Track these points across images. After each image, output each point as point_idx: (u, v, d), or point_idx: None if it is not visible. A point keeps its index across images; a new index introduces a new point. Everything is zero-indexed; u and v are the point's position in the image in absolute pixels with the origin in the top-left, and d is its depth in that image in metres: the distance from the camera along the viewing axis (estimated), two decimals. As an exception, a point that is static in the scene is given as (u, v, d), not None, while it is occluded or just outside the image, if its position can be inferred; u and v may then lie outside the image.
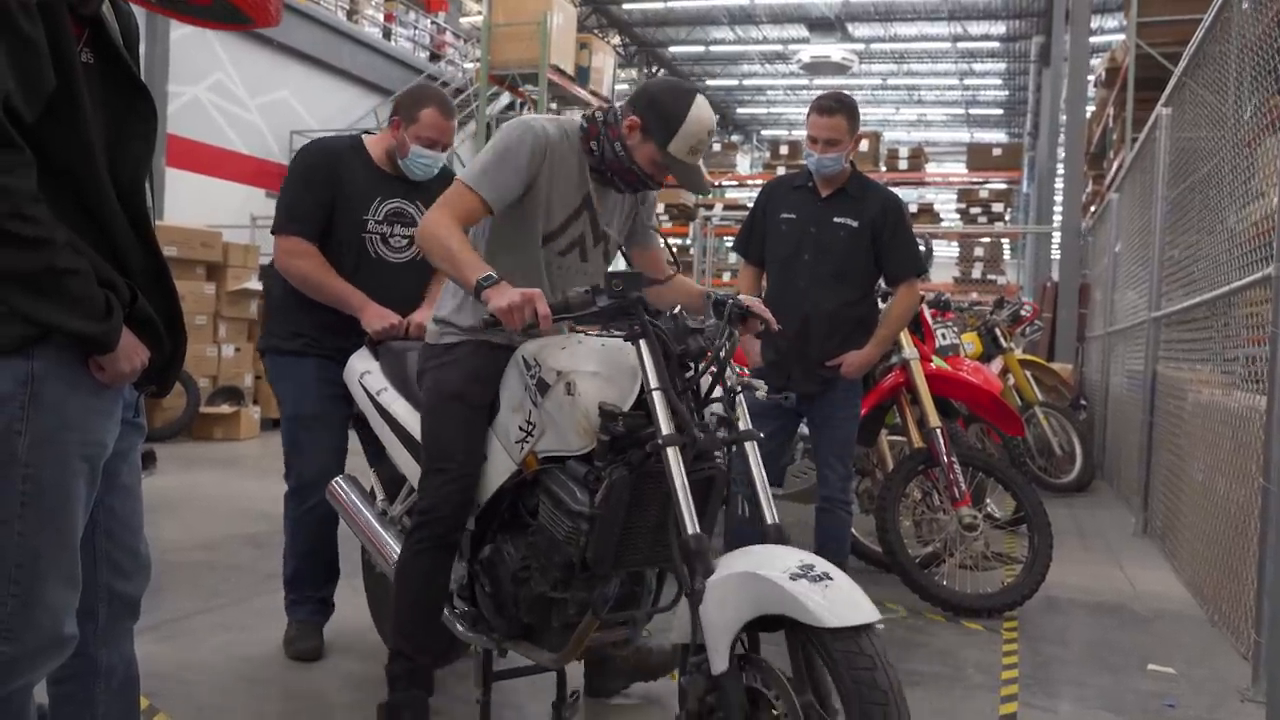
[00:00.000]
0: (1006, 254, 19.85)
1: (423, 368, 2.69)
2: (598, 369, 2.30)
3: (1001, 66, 25.18)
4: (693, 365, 2.25)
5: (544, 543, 2.35)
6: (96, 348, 1.61)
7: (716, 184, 20.90)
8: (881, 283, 4.05)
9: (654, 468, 2.18)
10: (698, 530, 2.04)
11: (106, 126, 1.65)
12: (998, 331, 7.22)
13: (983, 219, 18.03)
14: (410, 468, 2.82)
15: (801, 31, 23.55)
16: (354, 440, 3.30)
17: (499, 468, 2.53)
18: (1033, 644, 3.79)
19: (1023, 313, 7.86)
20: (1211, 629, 4.08)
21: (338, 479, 3.14)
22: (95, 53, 1.63)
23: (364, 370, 3.08)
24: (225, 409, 8.88)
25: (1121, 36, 17.57)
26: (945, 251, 22.80)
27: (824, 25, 22.88)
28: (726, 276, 18.28)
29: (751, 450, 2.23)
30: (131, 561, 1.92)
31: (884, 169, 18.77)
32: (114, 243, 1.66)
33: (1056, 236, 14.49)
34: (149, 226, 1.74)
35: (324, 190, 3.20)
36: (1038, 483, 6.94)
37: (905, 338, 4.56)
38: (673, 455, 2.08)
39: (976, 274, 18.27)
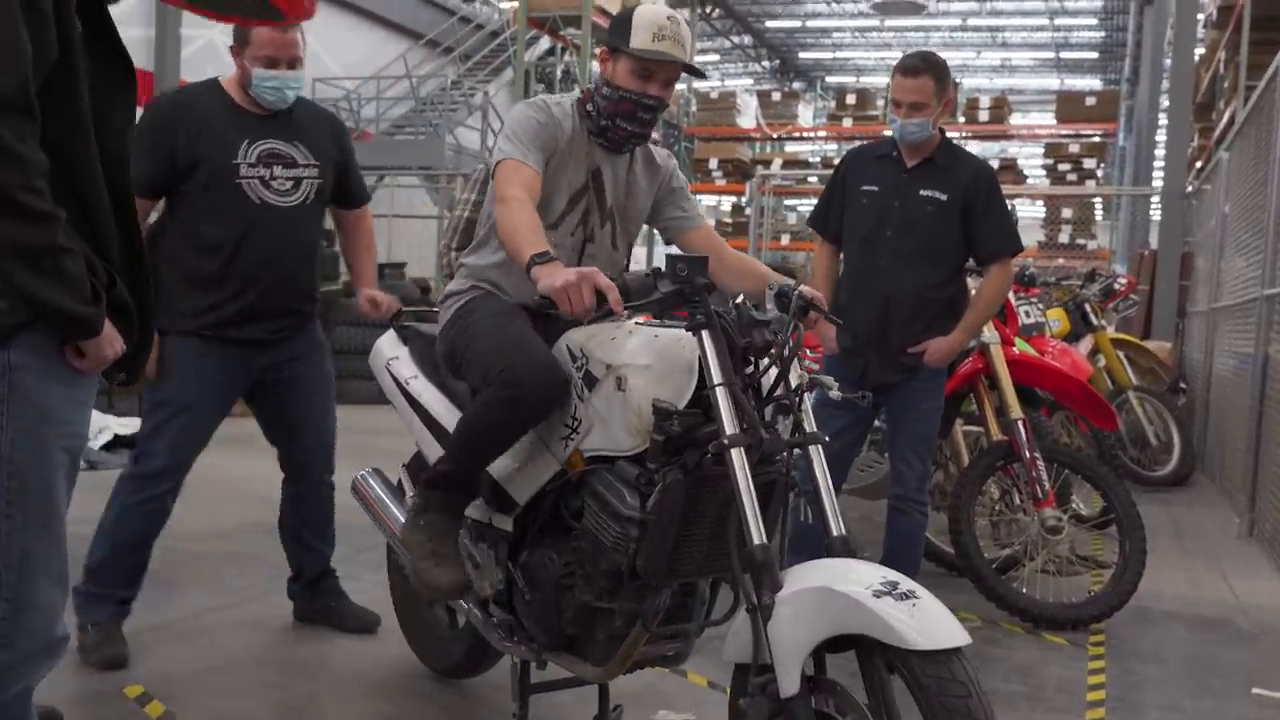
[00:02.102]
0: (1099, 215, 19.49)
1: (449, 317, 2.78)
2: (651, 363, 2.30)
3: (1098, 4, 24.59)
4: (755, 360, 2.24)
5: (590, 548, 2.36)
6: (83, 331, 1.64)
7: (775, 137, 20.77)
8: (971, 261, 3.98)
9: (711, 470, 2.18)
10: (764, 540, 2.04)
11: (92, 97, 1.68)
12: (1088, 307, 7.10)
13: (1072, 176, 17.76)
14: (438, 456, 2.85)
15: (873, -34, 23.17)
16: (391, 424, 3.33)
17: (541, 466, 2.55)
18: (1122, 661, 3.76)
19: (1116, 286, 7.72)
20: (1324, 649, 4.03)
21: (364, 472, 3.19)
22: (83, 19, 1.66)
23: (391, 356, 3.11)
24: (243, 382, 9.02)
25: (1237, -30, 17.15)
26: (1030, 212, 22.50)
27: (898, -40, 22.48)
28: (785, 239, 18.18)
29: (817, 454, 2.23)
30: None
31: (962, 120, 18.53)
32: (96, 223, 1.69)
33: (1156, 199, 14.19)
34: (131, 207, 1.77)
35: (160, 144, 3.19)
36: (1131, 476, 6.86)
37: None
38: (737, 457, 2.08)
39: (1064, 238, 17.99)
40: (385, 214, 14.44)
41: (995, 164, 18.47)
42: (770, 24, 27.70)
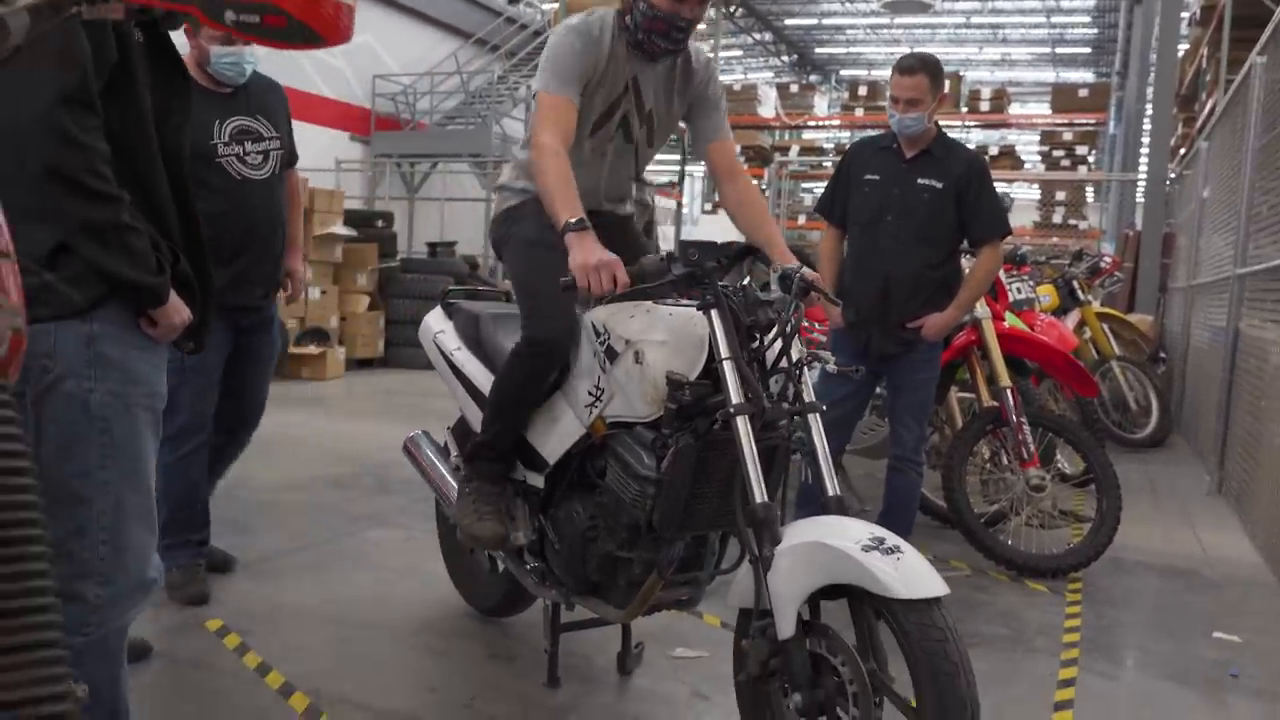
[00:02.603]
0: (1090, 197, 19.20)
1: (496, 237, 2.84)
2: (666, 338, 2.32)
3: (1091, 3, 24.09)
4: (760, 336, 2.25)
5: (612, 504, 2.39)
6: (152, 300, 1.69)
7: (793, 126, 20.53)
8: (965, 243, 3.97)
9: (719, 435, 2.20)
10: (766, 499, 2.07)
11: (153, 99, 1.72)
12: (1075, 284, 7.02)
13: (1066, 162, 17.50)
14: (480, 421, 2.88)
15: (884, -31, 22.78)
16: (439, 387, 3.35)
17: (568, 430, 2.58)
18: (1096, 607, 3.75)
19: (1102, 265, 7.63)
20: (1283, 596, 4.00)
21: (414, 434, 3.23)
22: (143, 33, 1.69)
23: (439, 329, 3.14)
24: (313, 349, 9.11)
25: (1220, -29, 16.74)
26: (1026, 194, 22.18)
27: (907, -38, 22.09)
28: (802, 219, 18.03)
29: (815, 422, 2.23)
30: None
31: (965, 110, 18.25)
32: (158, 206, 1.73)
33: (1141, 184, 13.96)
34: (188, 192, 1.81)
35: None
36: (1112, 438, 6.80)
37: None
38: (742, 424, 2.10)
39: (1058, 219, 17.76)
40: (438, 197, 14.47)
41: (995, 150, 18.29)
42: (789, 21, 27.37)
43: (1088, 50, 27.31)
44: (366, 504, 4.71)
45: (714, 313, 2.18)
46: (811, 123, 20.32)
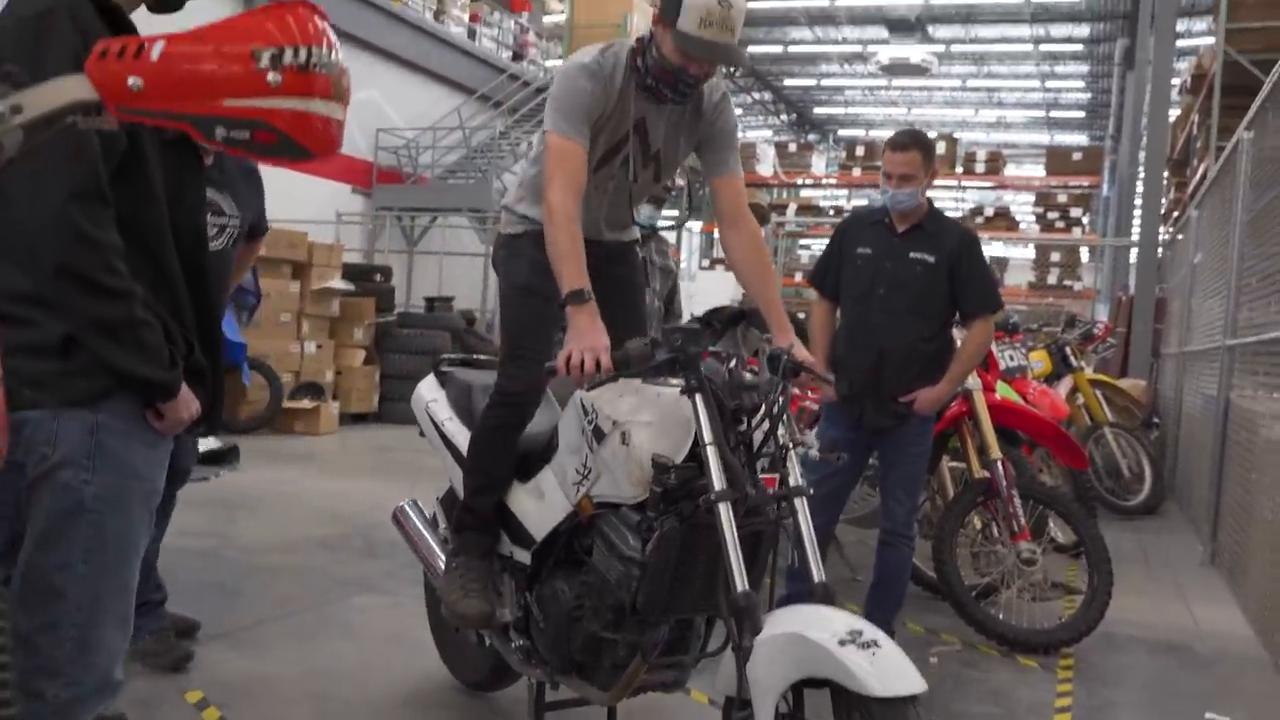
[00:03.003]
0: (1085, 258, 19.34)
1: (496, 257, 2.88)
2: (652, 420, 2.32)
3: (1084, 69, 24.47)
4: (747, 419, 2.25)
5: (597, 584, 2.37)
6: (162, 395, 1.68)
7: (791, 184, 20.74)
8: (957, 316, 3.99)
9: (705, 519, 2.18)
10: (746, 588, 2.05)
11: (165, 179, 1.72)
12: (1068, 350, 7.06)
13: (1060, 224, 17.63)
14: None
15: (881, 32, 23.17)
16: (436, 482, 3.35)
17: (555, 507, 2.57)
18: (1088, 685, 3.71)
19: (1094, 331, 7.68)
20: (1276, 675, 3.96)
21: (403, 504, 3.21)
22: None
23: (431, 398, 3.14)
24: (307, 404, 9.10)
25: (1209, 40, 17.00)
26: (1021, 255, 22.33)
27: (904, 27, 22.48)
28: (798, 276, 18.13)
29: (801, 506, 2.22)
30: None
31: (960, 171, 18.47)
32: (172, 290, 1.72)
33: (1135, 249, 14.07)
34: (205, 274, 1.81)
35: None
36: (1105, 505, 6.77)
37: (969, 367, 4.51)
38: (724, 511, 2.09)
39: (1052, 279, 17.86)
40: (437, 251, 14.56)
41: (990, 211, 18.44)
42: (788, 82, 27.78)
43: (1081, 114, 27.70)
44: (354, 567, 4.67)
45: (698, 397, 2.18)
46: (810, 181, 20.55)
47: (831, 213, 18.46)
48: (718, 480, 2.11)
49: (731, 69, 2.62)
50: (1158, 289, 11.02)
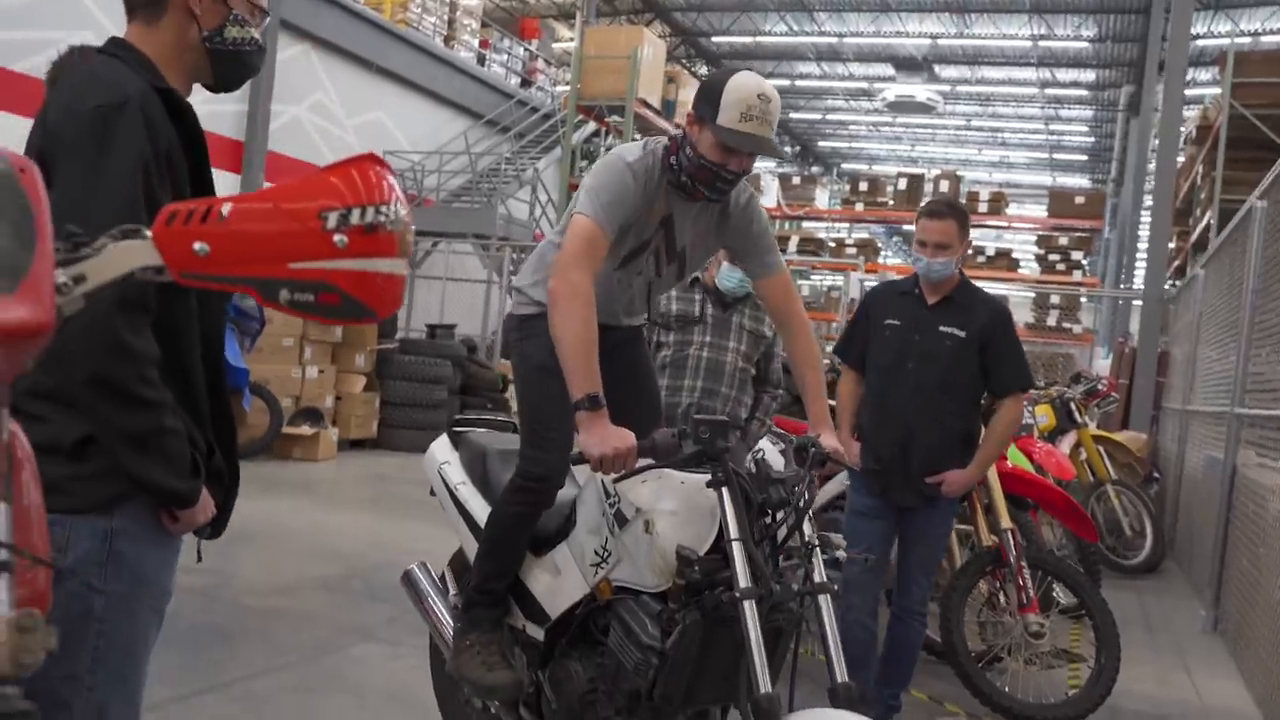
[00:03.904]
0: (1084, 300, 19.41)
1: (507, 339, 2.78)
2: (676, 509, 2.29)
3: (1089, 113, 24.66)
4: (772, 513, 2.22)
5: (613, 668, 2.34)
6: (181, 504, 1.63)
7: (795, 216, 20.80)
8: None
9: (726, 612, 2.16)
10: (769, 689, 2.02)
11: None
12: (1073, 406, 7.06)
13: (1061, 266, 17.69)
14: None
15: (887, 70, 23.33)
16: (434, 519, 3.32)
17: (572, 586, 2.54)
18: (1095, 765, 3.66)
19: (1099, 387, 7.68)
20: (1283, 758, 3.92)
21: (413, 566, 3.17)
22: None
23: (444, 460, 3.11)
24: (306, 430, 9.05)
25: (1215, 90, 17.14)
26: (1021, 293, 22.39)
27: (910, 65, 22.63)
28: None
29: (825, 604, 2.20)
30: None
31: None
32: (194, 393, 1.68)
33: (1137, 303, 14.11)
34: (223, 376, 1.76)
35: None
36: (1107, 564, 6.74)
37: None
38: (749, 609, 2.07)
39: (1051, 321, 17.91)
40: (439, 276, 14.54)
41: (992, 251, 18.50)
42: (793, 115, 27.90)
43: (1084, 158, 27.85)
44: (354, 613, 4.62)
45: (724, 491, 2.16)
46: (813, 215, 20.60)
47: (831, 245, 18.52)
48: (743, 578, 2.09)
49: (776, 156, 2.64)
50: (1160, 341, 11.03)
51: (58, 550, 1.53)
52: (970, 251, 18.72)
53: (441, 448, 3.17)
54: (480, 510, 2.90)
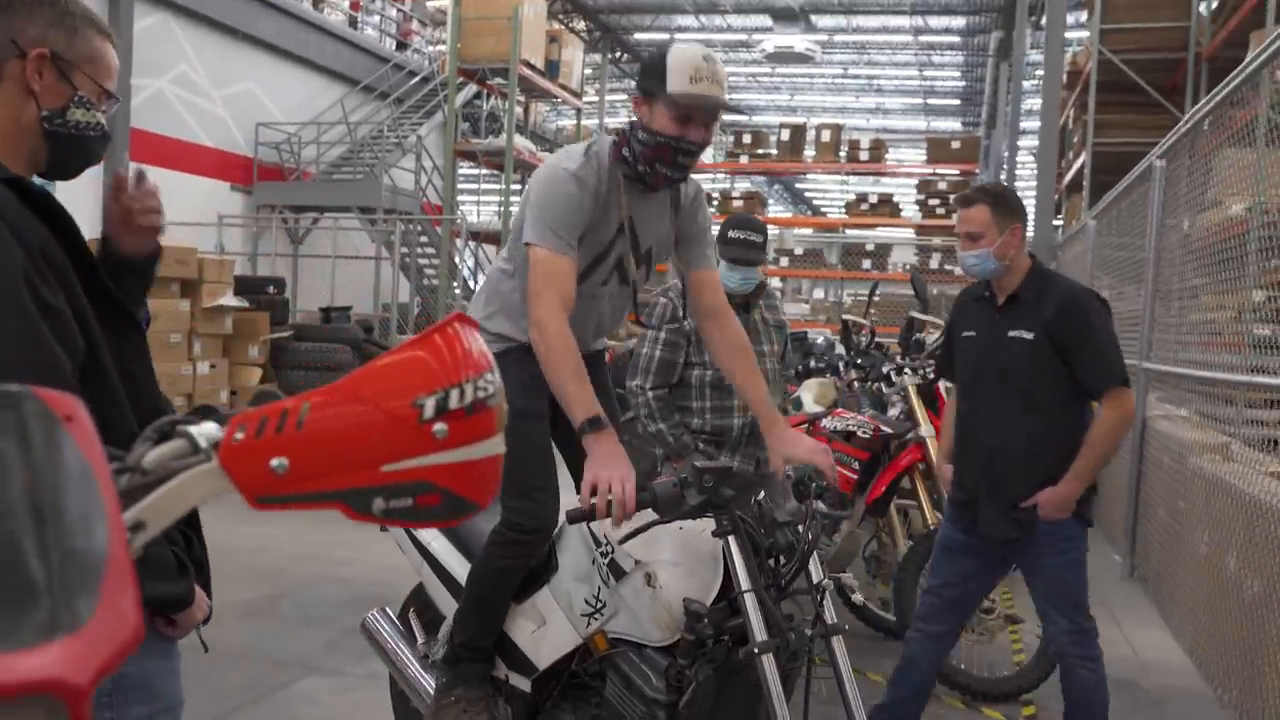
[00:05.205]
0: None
1: None
2: (678, 559, 2.18)
3: (960, 59, 25.18)
4: (778, 557, 2.13)
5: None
6: (178, 607, 1.54)
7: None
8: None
9: (738, 663, 2.08)
10: (791, 742, 1.94)
11: (115, 361, 1.50)
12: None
13: (941, 211, 18.14)
14: (449, 607, 2.70)
15: (765, 21, 23.32)
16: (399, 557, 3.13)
17: (561, 637, 2.41)
18: (1055, 737, 3.73)
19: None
20: (1222, 710, 4.08)
21: (373, 613, 2.99)
22: (91, 298, 1.46)
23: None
24: (202, 430, 8.60)
25: (1082, 34, 17.65)
26: (905, 236, 22.91)
27: (788, 16, 22.66)
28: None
29: (838, 645, 2.13)
30: None
31: (844, 159, 18.83)
32: None
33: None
34: None
35: None
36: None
37: (921, 413, 4.49)
38: (768, 663, 1.98)
39: (934, 264, 18.35)
40: (327, 255, 13.97)
41: (874, 199, 18.81)
42: (672, 68, 27.66)
43: (956, 102, 28.48)
44: (290, 643, 4.38)
45: (733, 540, 2.06)
46: (698, 169, 20.55)
47: (719, 198, 18.53)
48: (758, 630, 2.00)
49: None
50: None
51: None
52: (854, 198, 19.07)
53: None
54: (445, 552, 2.74)
